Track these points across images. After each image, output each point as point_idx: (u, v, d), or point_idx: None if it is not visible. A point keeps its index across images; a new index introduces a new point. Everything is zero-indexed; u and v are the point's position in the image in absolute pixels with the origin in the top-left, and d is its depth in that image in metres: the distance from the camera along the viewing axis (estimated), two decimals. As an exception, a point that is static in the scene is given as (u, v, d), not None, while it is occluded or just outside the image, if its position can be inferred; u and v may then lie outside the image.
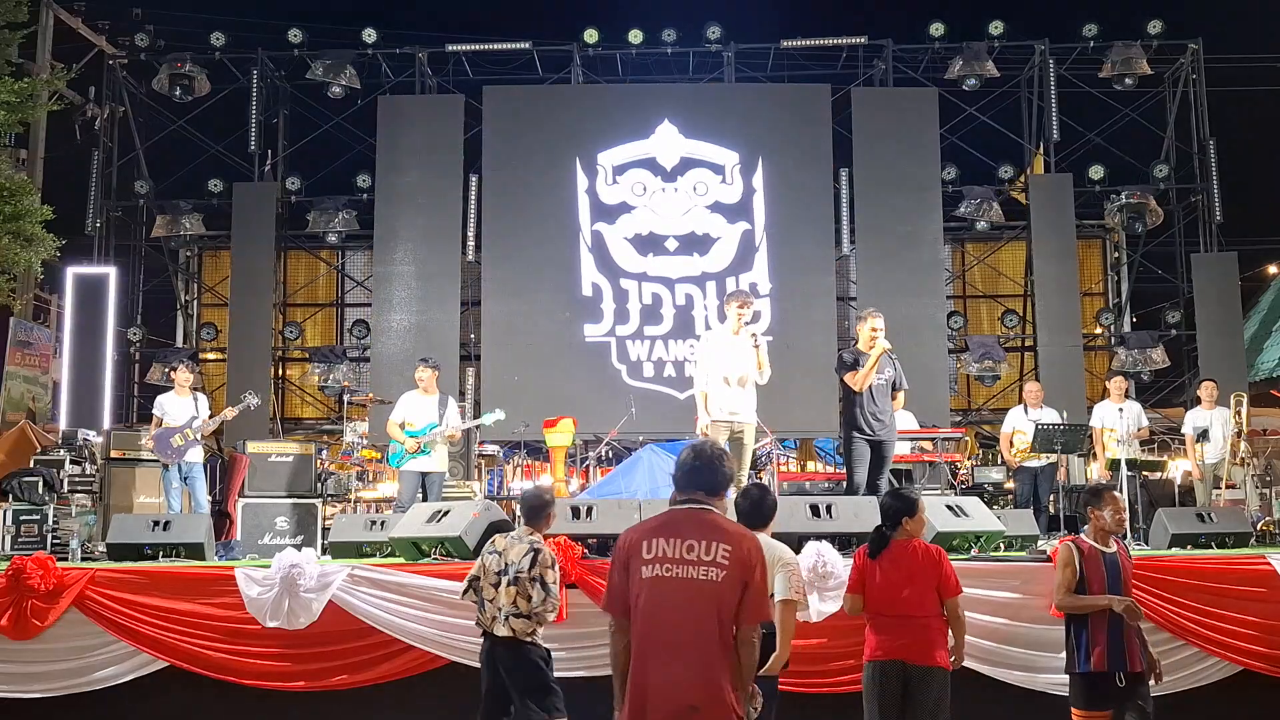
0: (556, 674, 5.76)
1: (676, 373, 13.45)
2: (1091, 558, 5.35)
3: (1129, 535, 9.01)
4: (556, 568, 5.55)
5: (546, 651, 5.58)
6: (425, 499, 9.26)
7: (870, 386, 7.90)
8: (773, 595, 5.19)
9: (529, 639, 5.46)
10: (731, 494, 4.38)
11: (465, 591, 5.70)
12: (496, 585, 5.50)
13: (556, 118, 14.17)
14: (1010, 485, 11.11)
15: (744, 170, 13.88)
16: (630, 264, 13.74)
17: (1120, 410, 10.50)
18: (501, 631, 5.44)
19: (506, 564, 5.51)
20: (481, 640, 5.65)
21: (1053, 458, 10.32)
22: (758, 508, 5.24)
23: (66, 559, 7.74)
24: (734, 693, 3.57)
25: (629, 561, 3.72)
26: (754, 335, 7.85)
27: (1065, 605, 5.41)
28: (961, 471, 11.23)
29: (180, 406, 9.60)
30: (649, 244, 13.75)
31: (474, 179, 14.06)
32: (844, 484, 8.47)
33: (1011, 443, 10.63)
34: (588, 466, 11.98)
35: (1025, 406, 10.76)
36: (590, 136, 13.98)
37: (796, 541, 6.47)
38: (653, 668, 3.58)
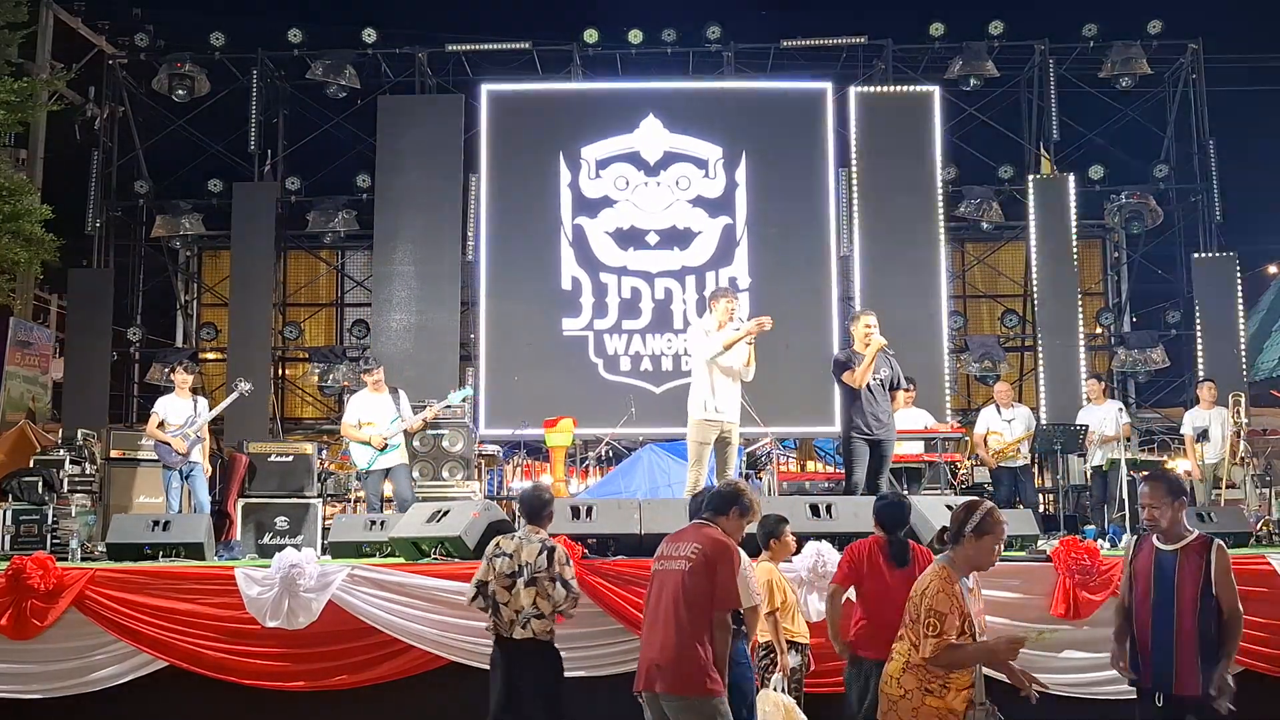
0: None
1: (653, 367, 13.45)
2: (1143, 556, 4.70)
3: (1128, 534, 9.03)
4: (572, 563, 5.52)
5: (559, 653, 5.56)
6: (394, 497, 9.32)
7: (869, 386, 7.90)
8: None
9: (548, 637, 5.41)
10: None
11: (473, 597, 5.56)
12: (510, 588, 5.41)
13: (544, 114, 14.17)
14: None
15: (727, 165, 13.88)
16: (610, 258, 13.73)
17: (1109, 412, 10.61)
18: (521, 634, 5.35)
19: (521, 565, 5.41)
20: (492, 645, 5.54)
21: (1030, 457, 10.37)
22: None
23: (66, 559, 7.75)
24: (707, 659, 4.52)
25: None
26: (750, 333, 7.82)
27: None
28: (961, 471, 11.23)
29: (180, 408, 9.64)
30: (630, 238, 13.75)
31: (473, 178, 14.06)
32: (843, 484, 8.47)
33: (986, 443, 10.63)
34: (588, 466, 11.99)
35: (997, 407, 10.79)
36: (574, 131, 13.96)
37: (796, 541, 6.47)
38: (646, 637, 4.77)
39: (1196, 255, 14.31)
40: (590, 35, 14.48)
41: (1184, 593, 4.52)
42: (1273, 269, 19.54)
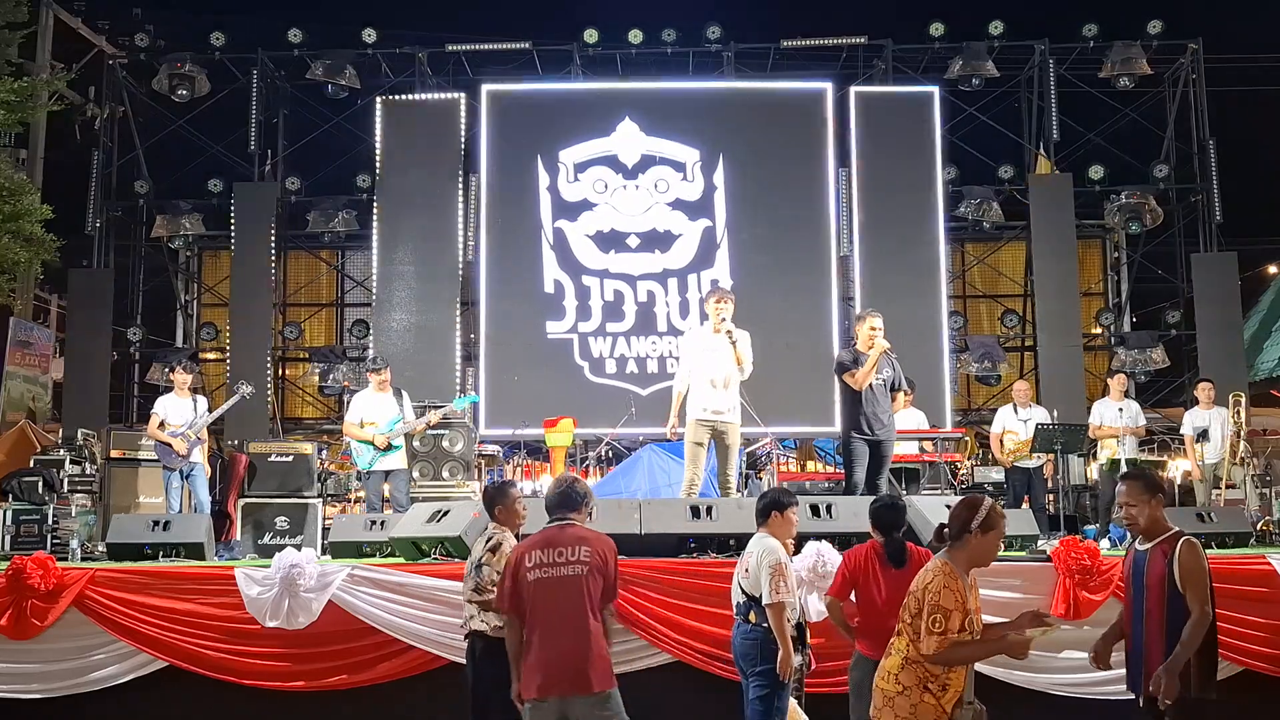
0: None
1: (638, 369, 13.45)
2: (1128, 557, 4.76)
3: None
4: (500, 553, 5.37)
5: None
6: (390, 498, 9.31)
7: (870, 386, 7.93)
8: (761, 598, 5.26)
9: (499, 635, 5.29)
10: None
11: None
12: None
13: (526, 116, 14.13)
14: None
15: (705, 168, 13.87)
16: (591, 261, 13.70)
17: (1120, 410, 10.52)
18: (475, 626, 5.43)
19: (471, 561, 5.51)
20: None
21: (1045, 457, 10.32)
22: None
23: (66, 559, 7.75)
24: (609, 655, 4.78)
25: (516, 571, 4.86)
26: (729, 332, 7.85)
27: None
28: (961, 471, 11.23)
29: (180, 408, 9.64)
30: (610, 241, 13.73)
31: (473, 179, 14.06)
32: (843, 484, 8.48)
33: (1002, 442, 10.61)
34: (588, 466, 11.98)
35: (1014, 406, 10.76)
36: (553, 134, 13.92)
37: (796, 541, 6.46)
38: (545, 646, 4.72)
39: (1196, 255, 14.31)
40: (590, 35, 14.47)
41: (1150, 591, 4.49)
42: (1273, 269, 19.55)
